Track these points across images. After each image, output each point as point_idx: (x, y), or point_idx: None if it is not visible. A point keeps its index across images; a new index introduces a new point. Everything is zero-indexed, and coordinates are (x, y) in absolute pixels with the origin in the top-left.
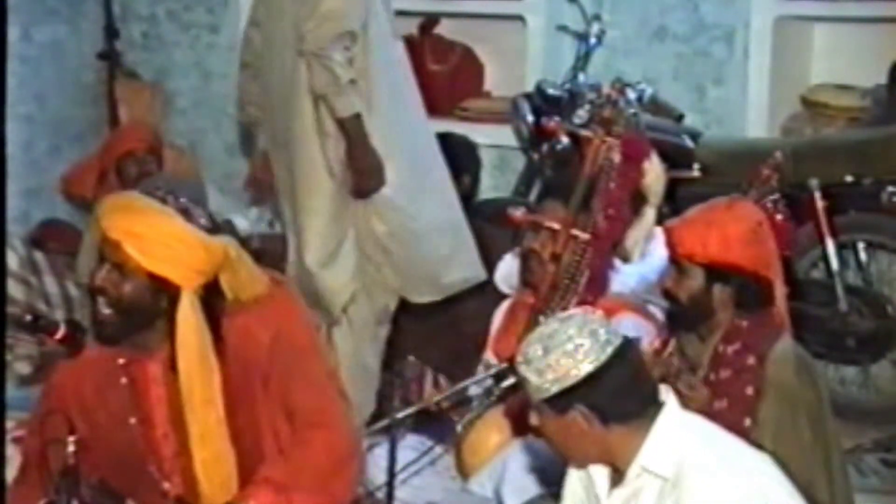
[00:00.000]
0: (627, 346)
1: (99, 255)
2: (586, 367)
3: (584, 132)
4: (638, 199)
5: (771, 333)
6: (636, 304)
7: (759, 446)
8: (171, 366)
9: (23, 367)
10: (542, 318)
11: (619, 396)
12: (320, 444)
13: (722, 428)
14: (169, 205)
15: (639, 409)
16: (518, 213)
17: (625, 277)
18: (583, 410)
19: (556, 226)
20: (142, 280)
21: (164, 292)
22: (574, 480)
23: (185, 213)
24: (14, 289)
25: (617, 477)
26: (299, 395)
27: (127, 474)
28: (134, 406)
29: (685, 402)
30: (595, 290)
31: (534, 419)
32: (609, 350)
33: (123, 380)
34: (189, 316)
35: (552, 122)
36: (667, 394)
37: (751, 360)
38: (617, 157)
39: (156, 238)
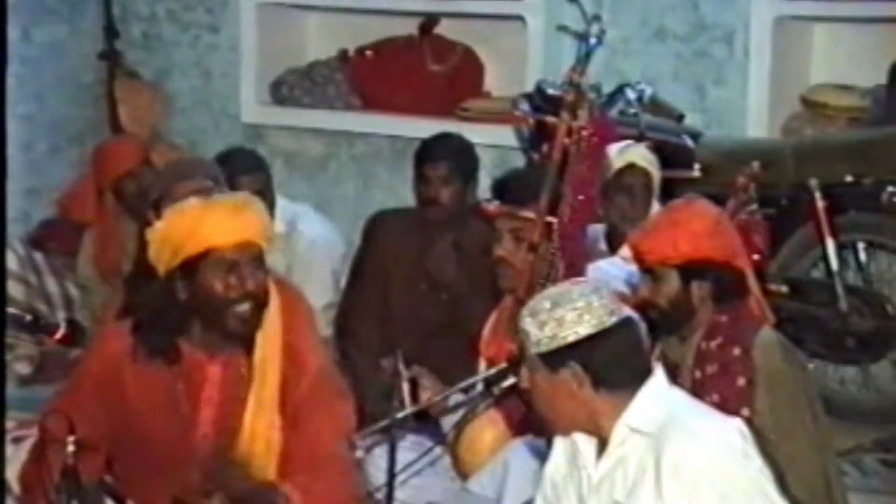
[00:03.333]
0: (631, 321)
1: (220, 271)
2: (588, 328)
3: (550, 118)
4: (635, 195)
5: (751, 324)
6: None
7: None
8: (241, 366)
9: (23, 368)
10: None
11: (614, 364)
12: (343, 490)
13: None
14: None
15: (629, 381)
16: (491, 206)
17: (627, 277)
18: (576, 370)
19: (530, 215)
20: (263, 264)
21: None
22: (558, 453)
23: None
24: (14, 289)
25: (602, 445)
26: (326, 438)
27: (158, 457)
28: (181, 400)
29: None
30: (573, 275)
31: (524, 380)
32: (614, 318)
33: (168, 378)
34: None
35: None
36: (656, 366)
37: (736, 352)
38: (583, 141)
39: (253, 218)
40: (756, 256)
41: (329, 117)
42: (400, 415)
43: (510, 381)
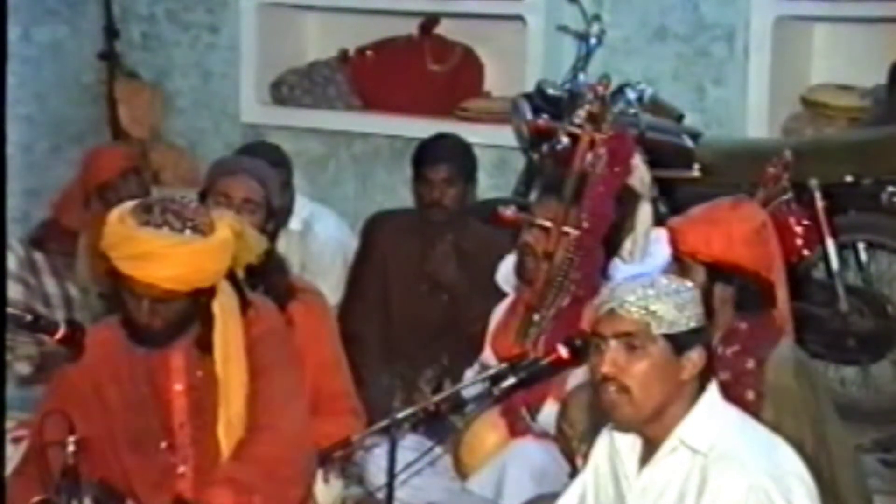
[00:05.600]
0: None
1: (127, 289)
2: (699, 319)
3: (572, 128)
4: (630, 197)
5: (770, 337)
6: None
7: None
8: (200, 345)
9: (23, 368)
10: (536, 317)
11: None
12: (265, 443)
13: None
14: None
15: (706, 380)
16: (508, 211)
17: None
18: (701, 354)
19: (546, 223)
20: (182, 299)
21: (202, 292)
22: (601, 455)
23: None
24: (13, 290)
25: (647, 454)
26: (264, 405)
27: (138, 453)
28: (152, 394)
29: None
30: (588, 287)
31: (609, 366)
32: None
33: (141, 369)
34: (225, 305)
35: (541, 120)
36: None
37: (750, 364)
38: (604, 154)
39: (187, 270)
40: (805, 252)
41: (329, 117)
42: (400, 415)
43: (511, 381)
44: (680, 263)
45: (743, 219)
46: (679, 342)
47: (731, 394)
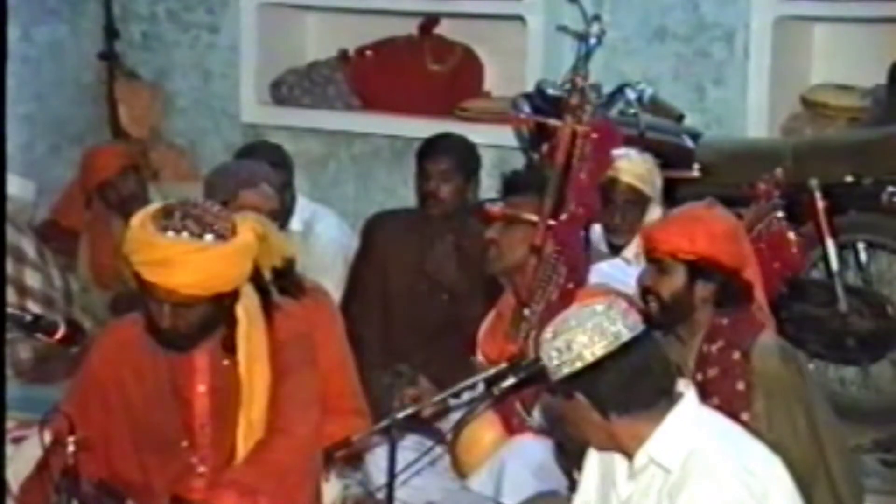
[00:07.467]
0: (641, 339)
1: (149, 294)
2: (585, 358)
3: (553, 121)
4: (638, 199)
5: (752, 329)
6: (618, 292)
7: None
8: (225, 346)
9: (24, 352)
10: (526, 312)
11: (621, 389)
12: (280, 448)
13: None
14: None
15: (647, 401)
16: (495, 207)
17: (628, 279)
18: (580, 399)
19: (533, 218)
20: (204, 304)
21: (225, 296)
22: (593, 465)
23: None
24: (31, 277)
25: (630, 466)
26: (282, 408)
27: (159, 451)
28: (175, 394)
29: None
30: (576, 279)
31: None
32: (614, 344)
33: (164, 368)
34: (249, 307)
35: (522, 115)
36: (686, 387)
37: (736, 356)
38: (586, 145)
39: (207, 275)
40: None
41: (328, 117)
42: (400, 415)
43: (510, 381)
44: (658, 264)
45: (721, 217)
46: (561, 388)
47: (722, 387)
